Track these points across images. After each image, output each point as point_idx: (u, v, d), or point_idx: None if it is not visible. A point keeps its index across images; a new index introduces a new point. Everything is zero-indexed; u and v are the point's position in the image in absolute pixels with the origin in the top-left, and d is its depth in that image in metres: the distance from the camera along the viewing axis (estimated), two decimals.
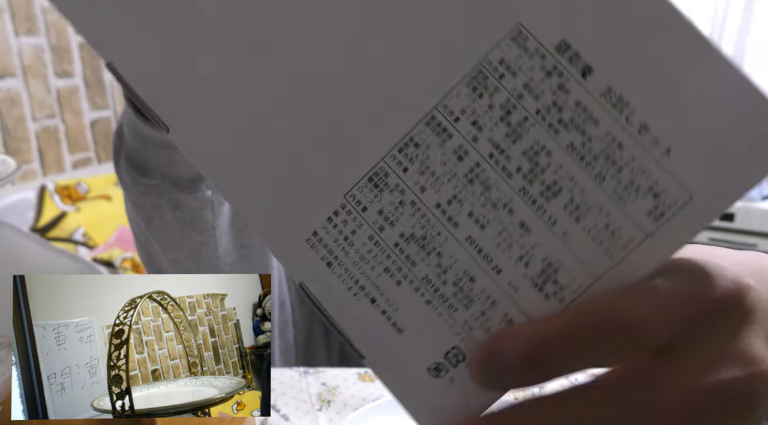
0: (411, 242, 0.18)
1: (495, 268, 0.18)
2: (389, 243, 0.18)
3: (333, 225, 0.19)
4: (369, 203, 0.18)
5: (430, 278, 0.18)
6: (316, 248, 0.19)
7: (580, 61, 0.17)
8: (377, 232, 0.18)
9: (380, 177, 0.18)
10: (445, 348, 0.18)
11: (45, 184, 1.52)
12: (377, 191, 0.18)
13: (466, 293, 0.18)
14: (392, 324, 0.19)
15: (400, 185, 0.18)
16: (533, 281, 0.18)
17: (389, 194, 0.18)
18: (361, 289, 0.19)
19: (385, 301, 0.19)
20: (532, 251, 0.18)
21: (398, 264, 0.18)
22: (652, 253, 0.17)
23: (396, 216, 0.18)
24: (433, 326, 0.18)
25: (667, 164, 0.17)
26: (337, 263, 0.19)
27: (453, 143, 0.18)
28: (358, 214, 0.18)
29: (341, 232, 0.19)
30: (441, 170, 0.18)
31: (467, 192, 0.18)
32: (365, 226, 0.18)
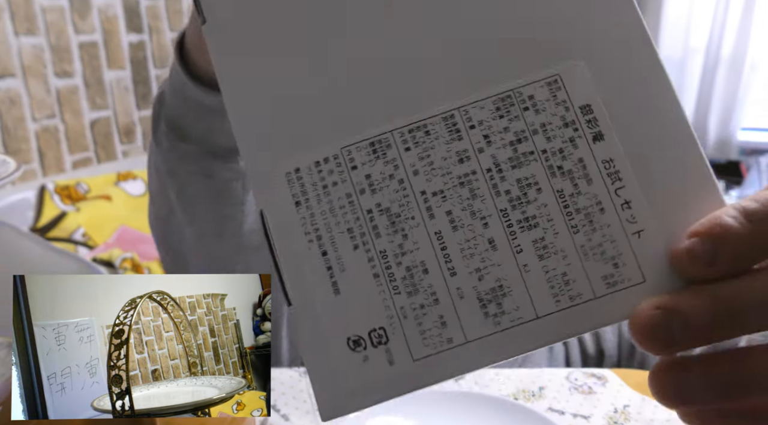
0: (384, 214, 0.19)
1: (451, 269, 0.18)
2: (363, 208, 0.19)
3: (318, 170, 0.19)
4: (361, 165, 0.19)
5: (387, 255, 0.18)
6: (292, 183, 0.19)
7: (596, 127, 0.19)
8: (357, 193, 0.19)
9: (382, 146, 0.19)
10: (372, 325, 0.18)
11: (45, 184, 1.52)
12: (374, 156, 0.19)
13: (414, 282, 0.18)
14: (333, 282, 0.18)
15: (396, 161, 0.19)
16: (479, 296, 0.18)
17: (383, 164, 0.19)
18: (317, 238, 0.19)
19: (336, 259, 0.19)
20: (490, 269, 0.18)
21: (363, 230, 0.19)
22: (591, 314, 0.18)
23: (380, 186, 0.19)
24: (369, 300, 0.18)
25: (636, 244, 0.18)
26: (305, 206, 0.19)
27: (460, 145, 0.19)
28: (347, 169, 0.19)
29: (323, 179, 0.19)
30: (439, 164, 0.19)
31: (454, 192, 0.19)
32: (348, 183, 0.19)
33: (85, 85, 1.65)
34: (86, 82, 1.65)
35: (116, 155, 1.76)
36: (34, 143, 1.56)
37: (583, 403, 0.46)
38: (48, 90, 1.57)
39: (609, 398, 0.46)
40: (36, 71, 1.53)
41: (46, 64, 1.55)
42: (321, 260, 0.19)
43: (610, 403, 0.46)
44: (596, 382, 0.48)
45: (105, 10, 1.67)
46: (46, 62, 1.55)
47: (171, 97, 0.46)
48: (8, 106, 1.49)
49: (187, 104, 0.44)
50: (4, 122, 1.48)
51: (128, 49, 1.74)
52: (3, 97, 1.47)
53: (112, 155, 1.75)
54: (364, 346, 0.18)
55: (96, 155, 1.71)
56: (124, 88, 1.75)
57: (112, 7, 1.69)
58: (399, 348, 0.18)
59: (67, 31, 1.59)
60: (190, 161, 0.47)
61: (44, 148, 1.58)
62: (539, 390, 0.48)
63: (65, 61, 1.60)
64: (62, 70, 1.59)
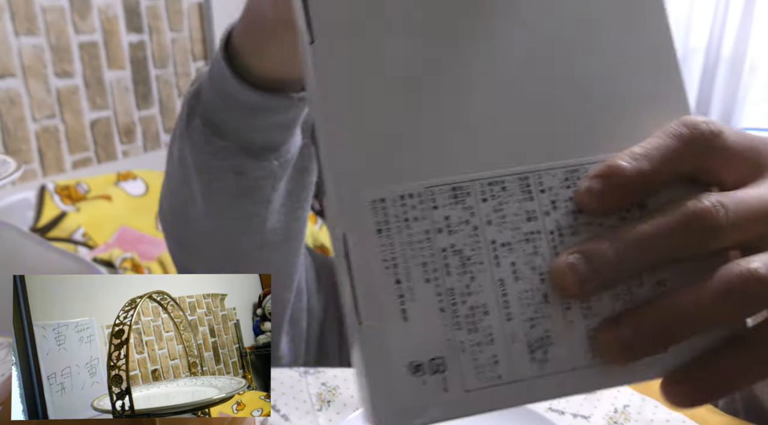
0: (456, 255, 0.20)
1: (508, 315, 0.20)
2: (438, 246, 0.20)
3: (402, 204, 0.20)
4: (441, 206, 0.20)
5: (455, 292, 0.20)
6: (376, 211, 0.20)
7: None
8: (435, 231, 0.20)
9: (462, 193, 0.20)
10: (433, 354, 0.20)
11: (45, 184, 1.52)
12: (454, 201, 0.20)
13: (474, 321, 0.20)
14: (402, 309, 0.20)
15: (473, 209, 0.20)
16: (529, 342, 0.20)
17: (461, 209, 0.20)
18: (393, 266, 0.20)
19: (408, 289, 0.20)
20: (541, 320, 0.20)
21: (435, 266, 0.20)
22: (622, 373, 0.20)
23: (456, 229, 0.20)
24: (433, 331, 0.20)
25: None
26: (386, 235, 0.20)
27: (529, 205, 0.21)
28: (428, 208, 0.20)
29: (405, 212, 0.20)
30: (510, 219, 0.21)
31: (519, 246, 0.21)
32: (427, 221, 0.20)
33: (85, 85, 1.65)
34: (86, 82, 1.65)
35: (116, 155, 1.76)
36: (34, 143, 1.56)
37: (583, 403, 0.46)
38: (48, 90, 1.57)
39: (609, 398, 0.46)
40: (36, 71, 1.53)
41: (46, 64, 1.56)
42: (394, 288, 0.20)
43: (610, 403, 0.46)
44: None
45: (105, 10, 1.67)
46: (46, 62, 1.55)
47: (209, 93, 0.45)
48: (8, 106, 1.49)
49: (228, 102, 0.44)
50: (4, 122, 1.48)
51: (128, 49, 1.74)
52: (3, 97, 1.47)
53: (112, 155, 1.75)
54: (423, 372, 0.20)
55: (96, 155, 1.71)
56: (124, 88, 1.75)
57: (112, 7, 1.69)
58: (454, 377, 0.20)
59: (67, 31, 1.59)
60: (222, 157, 0.47)
61: (44, 148, 1.58)
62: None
63: (65, 61, 1.60)
64: (62, 70, 1.59)
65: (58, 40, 1.57)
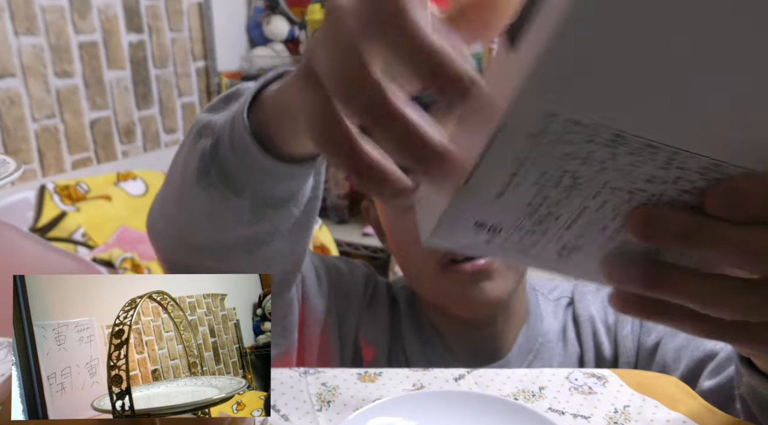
0: (571, 179, 0.23)
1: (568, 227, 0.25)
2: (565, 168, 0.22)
3: (565, 125, 0.21)
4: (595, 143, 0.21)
5: (547, 199, 0.23)
6: (543, 120, 0.21)
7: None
8: (573, 156, 0.22)
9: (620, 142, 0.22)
10: (499, 225, 0.24)
11: (45, 184, 1.52)
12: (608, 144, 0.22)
13: (544, 220, 0.24)
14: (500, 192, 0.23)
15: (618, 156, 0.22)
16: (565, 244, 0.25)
17: (608, 152, 0.22)
18: (520, 164, 0.22)
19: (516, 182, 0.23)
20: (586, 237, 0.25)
21: (549, 177, 0.22)
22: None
23: (590, 162, 0.22)
24: (510, 210, 0.23)
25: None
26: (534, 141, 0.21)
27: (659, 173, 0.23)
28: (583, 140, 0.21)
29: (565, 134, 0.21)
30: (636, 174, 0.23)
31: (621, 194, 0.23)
32: (575, 147, 0.21)
33: (85, 85, 1.65)
34: (86, 82, 1.65)
35: (116, 155, 1.76)
36: (33, 143, 1.56)
37: (583, 403, 0.46)
38: (48, 90, 1.57)
39: (609, 398, 0.46)
40: (36, 71, 1.53)
41: (46, 64, 1.55)
42: (508, 177, 0.22)
43: (610, 403, 0.46)
44: (596, 382, 0.48)
45: (105, 10, 1.67)
46: (46, 62, 1.55)
47: (229, 156, 0.44)
48: (8, 106, 1.49)
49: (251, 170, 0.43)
50: (4, 122, 1.48)
51: (128, 49, 1.74)
52: (3, 97, 1.47)
53: (112, 155, 1.75)
54: (482, 228, 0.24)
55: (96, 155, 1.71)
56: (124, 88, 1.75)
57: (112, 7, 1.69)
58: (500, 239, 0.24)
59: (67, 31, 1.59)
60: (240, 212, 0.46)
61: (44, 148, 1.58)
62: (539, 390, 0.48)
63: (65, 61, 1.60)
64: (62, 70, 1.59)
65: (58, 40, 1.57)
